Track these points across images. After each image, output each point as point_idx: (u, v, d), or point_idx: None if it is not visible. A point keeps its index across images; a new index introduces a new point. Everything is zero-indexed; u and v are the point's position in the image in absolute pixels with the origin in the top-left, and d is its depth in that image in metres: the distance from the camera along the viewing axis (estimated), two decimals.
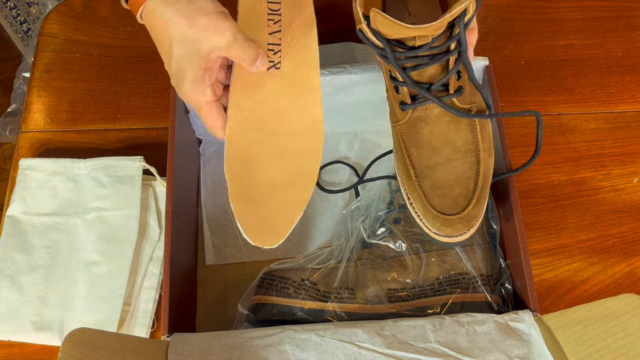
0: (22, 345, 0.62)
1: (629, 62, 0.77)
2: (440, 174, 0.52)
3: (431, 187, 0.52)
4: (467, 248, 0.60)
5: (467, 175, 0.52)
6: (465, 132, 0.53)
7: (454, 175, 0.52)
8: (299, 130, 0.53)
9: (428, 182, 0.52)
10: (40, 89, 0.76)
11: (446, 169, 0.52)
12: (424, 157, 0.53)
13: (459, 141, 0.52)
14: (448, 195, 0.51)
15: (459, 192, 0.51)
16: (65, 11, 0.81)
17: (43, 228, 0.65)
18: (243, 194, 0.51)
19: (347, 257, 0.60)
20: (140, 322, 0.62)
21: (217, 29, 0.48)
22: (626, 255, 0.66)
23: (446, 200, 0.51)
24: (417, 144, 0.53)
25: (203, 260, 0.65)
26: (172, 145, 0.59)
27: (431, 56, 0.50)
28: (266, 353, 0.49)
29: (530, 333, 0.51)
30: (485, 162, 0.52)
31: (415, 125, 0.53)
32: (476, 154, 0.52)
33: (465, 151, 0.52)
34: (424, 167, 0.53)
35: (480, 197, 0.51)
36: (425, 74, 0.51)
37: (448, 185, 0.51)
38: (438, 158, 0.52)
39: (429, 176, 0.52)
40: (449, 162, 0.52)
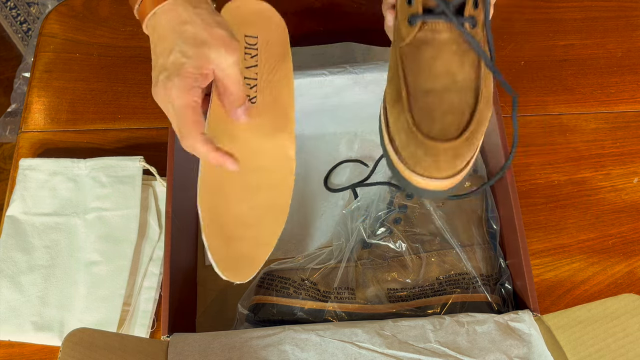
0: (22, 345, 0.62)
1: (629, 62, 0.77)
2: (434, 99, 0.47)
3: (422, 110, 0.46)
4: (467, 248, 0.60)
5: (461, 107, 0.46)
6: (468, 70, 0.48)
7: (449, 103, 0.46)
8: (271, 166, 0.54)
9: (419, 104, 0.47)
10: (40, 89, 0.76)
11: (442, 96, 0.47)
12: (420, 81, 0.48)
13: (461, 75, 0.48)
14: (439, 120, 0.45)
15: (451, 121, 0.46)
16: (65, 11, 0.81)
17: (43, 228, 0.65)
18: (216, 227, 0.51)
19: (347, 257, 0.60)
20: (140, 322, 0.62)
21: (228, 46, 0.48)
22: (626, 255, 0.66)
23: (436, 124, 0.45)
24: (416, 66, 0.49)
25: (203, 260, 0.65)
26: (172, 145, 0.59)
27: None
28: (266, 353, 0.49)
29: (530, 333, 0.51)
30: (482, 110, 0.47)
31: (419, 48, 0.49)
32: (475, 94, 0.47)
33: (464, 87, 0.47)
34: (418, 91, 0.48)
35: (472, 136, 0.45)
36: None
37: (441, 110, 0.46)
38: (435, 84, 0.47)
39: (421, 99, 0.47)
40: (446, 90, 0.47)
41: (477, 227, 0.61)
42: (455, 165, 0.44)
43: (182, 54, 0.48)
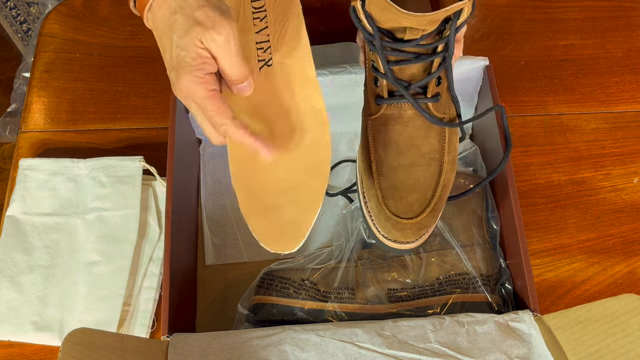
0: (22, 345, 0.62)
1: (629, 62, 0.77)
2: (401, 176, 0.51)
3: (389, 188, 0.51)
4: (467, 248, 0.60)
5: (426, 182, 0.51)
6: (432, 140, 0.52)
7: (414, 180, 0.51)
8: (301, 125, 0.52)
9: (387, 182, 0.51)
10: (40, 89, 0.76)
11: (407, 172, 0.52)
12: (388, 157, 0.52)
13: (425, 147, 0.52)
14: (404, 198, 0.51)
15: (415, 198, 0.51)
16: (65, 11, 0.81)
17: (43, 228, 0.65)
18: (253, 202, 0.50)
19: (347, 257, 0.60)
20: (140, 322, 0.62)
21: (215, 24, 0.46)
22: (626, 255, 0.66)
23: (401, 203, 0.50)
24: (385, 142, 0.53)
25: (203, 260, 0.65)
26: (172, 145, 0.59)
27: (417, 54, 0.50)
28: (266, 353, 0.49)
29: (531, 333, 0.51)
30: (446, 174, 0.52)
31: (387, 123, 0.53)
32: (439, 164, 0.52)
33: (430, 159, 0.52)
34: (386, 167, 0.52)
35: (436, 207, 0.50)
36: (407, 71, 0.51)
37: (406, 188, 0.51)
38: (402, 160, 0.52)
39: (390, 177, 0.52)
40: (412, 166, 0.52)
41: (477, 227, 0.61)
42: (421, 234, 0.50)
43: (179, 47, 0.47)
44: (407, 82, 0.51)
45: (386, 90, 0.52)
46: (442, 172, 0.52)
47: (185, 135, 0.65)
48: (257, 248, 0.65)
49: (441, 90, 0.52)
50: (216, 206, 0.68)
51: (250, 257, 0.65)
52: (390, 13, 0.46)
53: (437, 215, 0.51)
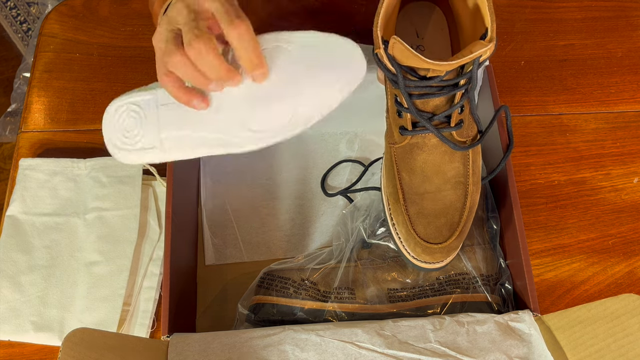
0: (22, 345, 0.62)
1: (629, 62, 0.77)
2: (428, 202, 0.53)
3: (417, 214, 0.53)
4: (467, 248, 0.60)
5: (453, 206, 0.52)
6: (457, 164, 0.53)
7: (442, 205, 0.53)
8: None
9: (415, 208, 0.53)
10: (40, 89, 0.76)
11: (434, 197, 0.53)
12: (414, 184, 0.54)
13: (451, 172, 0.53)
14: (433, 224, 0.52)
15: (443, 222, 0.52)
16: (65, 11, 0.81)
17: (43, 228, 0.65)
18: None
19: (347, 257, 0.60)
20: (140, 322, 0.62)
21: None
22: (626, 255, 0.66)
23: (430, 228, 0.52)
24: (410, 169, 0.54)
25: (203, 260, 0.65)
26: None
27: (440, 87, 0.51)
28: (266, 353, 0.49)
29: (531, 333, 0.51)
30: (472, 196, 0.53)
31: (412, 151, 0.54)
32: (465, 187, 0.53)
33: (455, 183, 0.53)
34: (413, 193, 0.53)
35: (464, 230, 0.52)
36: (430, 104, 0.52)
37: (434, 214, 0.52)
38: (428, 186, 0.53)
39: (417, 203, 0.53)
40: (438, 191, 0.53)
41: (477, 227, 0.61)
42: (450, 255, 0.52)
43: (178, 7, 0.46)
44: (431, 113, 0.52)
45: (410, 123, 0.53)
46: (468, 194, 0.53)
47: None
48: (257, 248, 0.66)
49: (464, 117, 0.53)
50: (216, 206, 0.68)
51: (250, 257, 0.65)
52: (413, 59, 0.47)
53: (464, 237, 0.52)
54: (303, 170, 0.70)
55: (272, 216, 0.68)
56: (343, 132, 0.72)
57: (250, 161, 0.71)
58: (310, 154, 0.71)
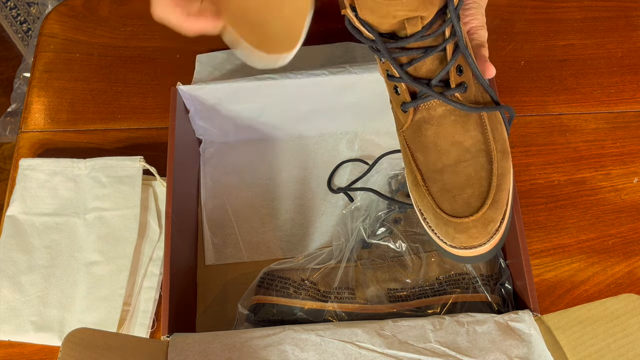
0: (22, 345, 0.62)
1: (629, 62, 0.77)
2: (449, 176, 0.48)
3: (440, 191, 0.48)
4: None
5: (478, 175, 0.47)
6: (474, 133, 0.48)
7: (464, 176, 0.47)
8: None
9: (436, 186, 0.48)
10: (40, 89, 0.76)
11: (455, 170, 0.48)
12: (430, 161, 0.49)
13: (468, 142, 0.48)
14: (459, 197, 0.47)
15: (470, 193, 0.47)
16: (65, 11, 0.81)
17: (43, 228, 0.65)
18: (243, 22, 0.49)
19: (347, 257, 0.60)
20: (140, 322, 0.62)
21: None
22: (626, 255, 0.66)
23: (457, 202, 0.46)
24: (422, 147, 0.50)
25: (203, 260, 0.65)
26: (172, 145, 0.59)
27: (424, 49, 0.47)
28: (266, 353, 0.49)
29: (530, 333, 0.51)
30: (499, 163, 0.47)
31: (420, 128, 0.50)
32: (488, 155, 0.48)
33: (476, 152, 0.48)
34: (431, 171, 0.49)
35: (497, 198, 0.46)
36: (423, 69, 0.48)
37: (458, 186, 0.47)
38: (446, 160, 0.48)
39: (437, 179, 0.48)
40: (458, 163, 0.48)
41: None
42: (489, 231, 0.45)
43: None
44: (427, 79, 0.48)
45: (407, 94, 0.49)
46: (493, 160, 0.47)
47: (185, 135, 0.65)
48: (257, 248, 0.66)
49: (466, 80, 0.49)
50: (216, 206, 0.68)
51: (250, 257, 0.65)
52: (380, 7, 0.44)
53: (501, 207, 0.46)
54: (303, 170, 0.70)
55: (272, 216, 0.68)
56: (343, 132, 0.72)
57: (250, 161, 0.71)
58: (310, 154, 0.71)
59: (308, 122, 0.70)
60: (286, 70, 0.65)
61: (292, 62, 0.69)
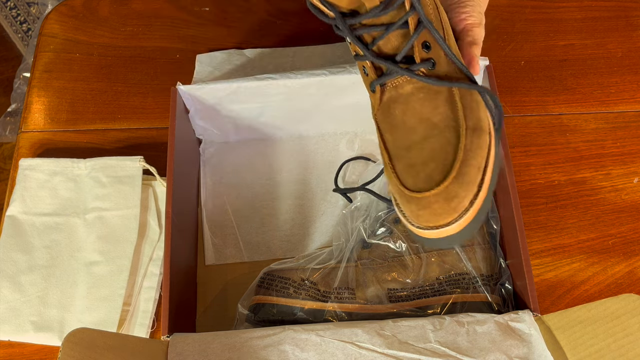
0: (22, 345, 0.62)
1: (629, 62, 0.77)
2: (415, 152, 0.46)
3: (405, 167, 0.46)
4: (467, 248, 0.60)
5: (444, 149, 0.45)
6: (443, 109, 0.47)
7: (429, 150, 0.45)
8: None
9: (402, 163, 0.46)
10: (40, 89, 0.76)
11: (422, 146, 0.46)
12: (398, 139, 0.47)
13: (436, 117, 0.46)
14: (422, 171, 0.44)
15: (434, 167, 0.44)
16: (65, 11, 0.81)
17: (43, 228, 0.65)
18: None
19: (347, 257, 0.60)
20: (140, 322, 0.62)
21: None
22: (626, 255, 0.66)
23: (420, 177, 0.44)
24: (391, 127, 0.48)
25: (203, 260, 0.65)
26: (172, 145, 0.59)
27: (386, 25, 0.46)
28: (266, 353, 0.49)
29: (531, 333, 0.51)
30: (468, 138, 0.45)
31: (389, 108, 0.48)
32: (456, 131, 0.45)
33: (444, 127, 0.46)
34: (398, 149, 0.47)
35: (462, 172, 0.43)
36: (388, 45, 0.47)
37: (422, 161, 0.45)
38: (413, 137, 0.46)
39: (403, 156, 0.46)
40: (425, 139, 0.46)
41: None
42: (453, 208, 0.43)
43: None
44: (392, 56, 0.47)
45: (373, 71, 0.48)
46: (461, 135, 0.45)
47: (185, 135, 0.65)
48: (257, 248, 0.66)
49: (435, 57, 0.47)
50: (216, 206, 0.68)
51: (250, 257, 0.65)
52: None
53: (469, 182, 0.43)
54: (303, 170, 0.70)
55: (272, 216, 0.68)
56: (343, 132, 0.72)
57: (250, 161, 0.71)
58: (310, 154, 0.71)
59: (308, 122, 0.70)
60: (286, 70, 0.65)
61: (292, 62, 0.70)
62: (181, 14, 0.81)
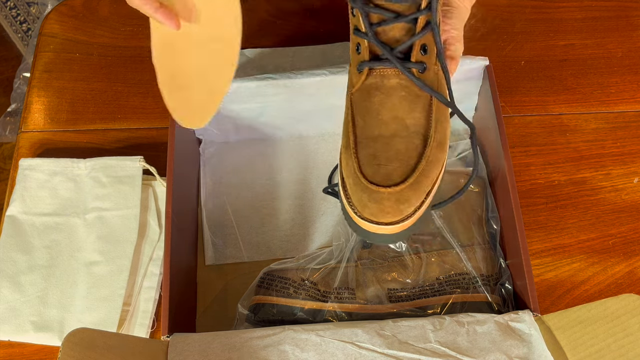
0: (22, 345, 0.62)
1: (629, 62, 0.77)
2: (380, 146, 0.47)
3: (367, 157, 0.47)
4: (467, 248, 0.60)
5: (409, 154, 0.46)
6: (419, 115, 0.48)
7: (395, 150, 0.47)
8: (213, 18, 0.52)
9: (366, 151, 0.47)
10: (40, 89, 0.76)
11: (389, 142, 0.47)
12: (368, 126, 0.48)
13: (410, 120, 0.48)
14: (383, 167, 0.46)
15: (396, 167, 0.46)
16: (65, 11, 0.81)
17: (43, 228, 0.65)
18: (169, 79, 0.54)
19: (347, 257, 0.60)
20: (140, 322, 0.62)
21: None
22: (626, 255, 0.66)
23: (380, 171, 0.46)
24: (365, 111, 0.49)
25: (203, 260, 0.65)
26: (172, 145, 0.59)
27: (397, 13, 0.46)
28: (266, 353, 0.49)
29: (531, 333, 0.51)
30: (432, 150, 0.47)
31: (369, 93, 0.49)
32: (424, 140, 0.47)
33: (414, 132, 0.47)
34: (365, 137, 0.48)
35: (418, 180, 0.45)
36: (390, 34, 0.47)
37: (386, 157, 0.46)
38: (384, 130, 0.48)
39: (370, 146, 0.47)
40: (393, 136, 0.47)
41: (477, 227, 0.61)
42: (401, 210, 0.45)
43: None
44: (389, 45, 0.48)
45: (367, 53, 0.48)
46: (428, 146, 0.47)
47: (185, 135, 0.65)
48: (257, 248, 0.66)
49: (427, 62, 0.48)
50: (216, 206, 0.68)
51: (250, 257, 0.65)
52: None
53: (421, 192, 0.45)
54: (303, 170, 0.70)
55: (272, 216, 0.68)
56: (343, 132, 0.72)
57: (250, 161, 0.71)
58: (310, 154, 0.71)
59: (308, 122, 0.70)
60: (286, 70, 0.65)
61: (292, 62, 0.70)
62: None
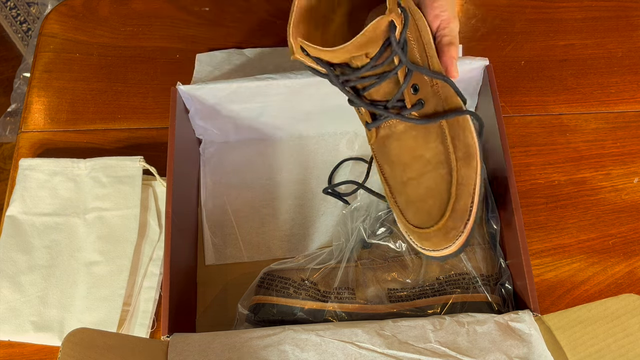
0: (22, 345, 0.62)
1: (629, 62, 0.77)
2: (412, 189, 0.52)
3: (405, 203, 0.52)
4: (467, 248, 0.60)
5: (438, 187, 0.51)
6: (435, 144, 0.52)
7: (425, 188, 0.51)
8: None
9: (402, 197, 0.53)
10: (40, 89, 0.76)
11: (418, 183, 0.52)
12: (396, 174, 0.53)
13: (429, 153, 0.52)
14: (421, 209, 0.51)
15: (431, 204, 0.50)
16: (65, 11, 0.81)
17: (43, 228, 0.65)
18: None
19: (347, 257, 0.60)
20: (140, 322, 0.62)
21: None
22: (626, 255, 0.66)
23: (420, 214, 0.51)
24: (388, 160, 0.54)
25: (203, 260, 0.65)
26: (172, 145, 0.59)
27: (377, 75, 0.50)
28: (266, 353, 0.49)
29: (531, 333, 0.51)
30: (459, 172, 0.51)
31: (385, 143, 0.54)
32: (448, 165, 0.51)
33: (436, 163, 0.51)
34: (397, 183, 0.53)
35: (456, 207, 0.49)
36: (380, 92, 0.51)
37: (420, 199, 0.51)
38: (409, 173, 0.52)
39: (403, 192, 0.53)
40: (420, 176, 0.52)
41: (477, 227, 0.61)
42: (450, 237, 0.49)
43: None
44: (384, 101, 0.52)
45: (369, 116, 0.53)
46: (453, 170, 0.51)
47: (185, 135, 0.65)
48: (257, 248, 0.66)
49: (423, 96, 0.52)
50: (216, 206, 0.68)
51: (250, 257, 0.65)
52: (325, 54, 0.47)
53: (462, 214, 0.49)
54: (303, 170, 0.70)
55: (272, 216, 0.68)
56: (343, 132, 0.72)
57: (250, 161, 0.71)
58: (310, 154, 0.71)
59: (308, 122, 0.70)
60: (286, 70, 0.65)
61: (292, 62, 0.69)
62: (181, 14, 0.81)
